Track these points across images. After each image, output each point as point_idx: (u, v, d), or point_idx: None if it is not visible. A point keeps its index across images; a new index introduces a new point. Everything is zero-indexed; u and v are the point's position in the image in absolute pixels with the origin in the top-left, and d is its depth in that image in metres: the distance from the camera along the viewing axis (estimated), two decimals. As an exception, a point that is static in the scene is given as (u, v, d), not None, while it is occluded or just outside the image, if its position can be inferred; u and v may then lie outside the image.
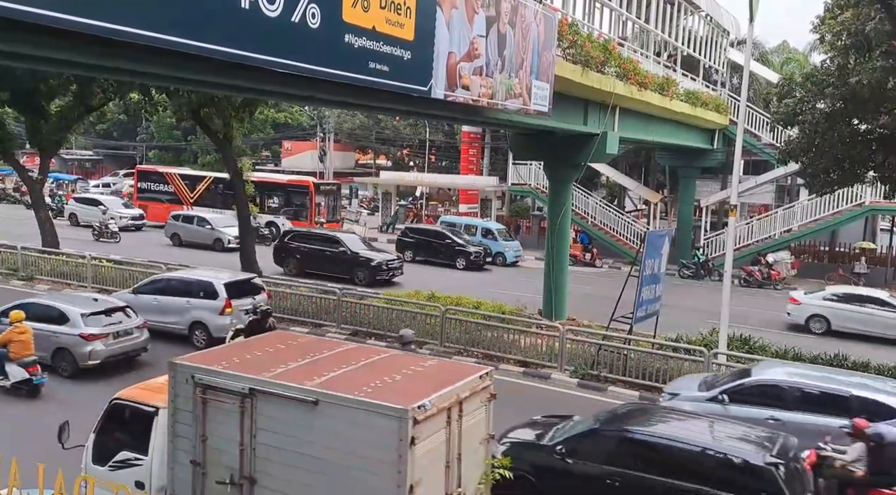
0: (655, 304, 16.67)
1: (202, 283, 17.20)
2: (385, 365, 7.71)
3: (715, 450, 8.64)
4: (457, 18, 12.32)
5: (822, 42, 16.38)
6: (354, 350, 8.46)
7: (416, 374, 7.45)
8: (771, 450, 8.45)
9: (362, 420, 6.46)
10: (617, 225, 35.87)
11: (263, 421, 6.93)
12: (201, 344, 16.22)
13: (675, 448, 8.78)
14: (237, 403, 7.00)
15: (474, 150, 45.75)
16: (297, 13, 9.16)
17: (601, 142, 19.77)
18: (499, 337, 16.89)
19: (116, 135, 67.88)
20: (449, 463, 6.97)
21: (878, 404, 10.67)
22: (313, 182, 37.78)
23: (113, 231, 33.26)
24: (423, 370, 7.64)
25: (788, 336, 19.93)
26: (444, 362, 9.06)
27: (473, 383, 7.32)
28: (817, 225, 32.15)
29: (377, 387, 6.85)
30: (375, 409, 6.41)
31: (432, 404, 6.60)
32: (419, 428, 6.40)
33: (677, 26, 27.52)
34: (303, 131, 60.84)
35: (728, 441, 8.90)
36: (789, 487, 8.07)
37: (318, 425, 6.67)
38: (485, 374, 7.57)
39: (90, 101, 24.44)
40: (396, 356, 8.43)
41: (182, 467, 7.38)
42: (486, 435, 7.63)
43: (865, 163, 15.96)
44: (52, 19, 6.93)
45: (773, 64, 40.04)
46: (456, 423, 7.01)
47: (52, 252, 24.17)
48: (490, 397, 7.59)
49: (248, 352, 8.06)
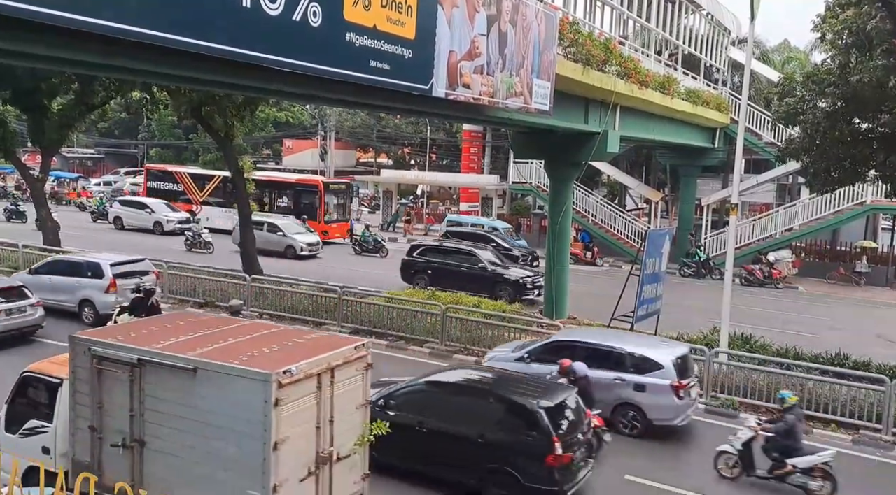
0: (656, 303, 16.68)
1: (91, 264, 18.43)
2: (270, 338, 8.48)
3: (497, 397, 10.16)
4: (458, 17, 12.32)
5: (823, 41, 16.34)
6: (248, 326, 9.27)
7: (294, 346, 8.16)
8: (544, 397, 9.81)
9: (234, 385, 7.20)
10: (618, 223, 35.86)
11: (150, 388, 7.67)
12: (89, 320, 17.64)
13: (465, 396, 10.35)
14: (127, 373, 7.75)
15: (475, 149, 45.73)
16: (298, 12, 9.17)
17: (602, 140, 19.77)
18: (499, 335, 16.87)
19: (118, 134, 67.93)
20: (320, 425, 7.70)
21: (645, 358, 12.71)
22: (323, 181, 37.69)
23: (206, 241, 30.94)
24: (302, 342, 8.38)
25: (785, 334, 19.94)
26: (325, 337, 9.73)
27: (346, 353, 8.06)
28: (818, 224, 32.12)
29: (253, 357, 7.58)
30: (244, 375, 7.17)
31: (299, 370, 7.31)
32: (284, 392, 7.13)
33: (678, 25, 27.50)
34: (304, 130, 60.83)
35: (511, 390, 10.33)
36: (555, 427, 9.41)
37: (198, 391, 7.39)
38: (360, 346, 8.31)
39: (92, 100, 24.48)
40: (284, 331, 9.28)
41: (82, 433, 8.12)
42: (363, 400, 8.42)
43: (866, 162, 15.92)
44: (53, 18, 6.95)
45: (774, 62, 40.00)
46: (328, 389, 7.74)
47: (52, 250, 24.17)
48: (367, 367, 8.38)
49: (146, 327, 8.89)
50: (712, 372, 14.55)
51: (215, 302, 19.56)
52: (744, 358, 14.93)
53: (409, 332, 17.69)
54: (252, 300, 19.80)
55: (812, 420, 13.31)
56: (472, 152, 45.73)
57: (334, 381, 7.81)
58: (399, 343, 17.43)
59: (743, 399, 14.15)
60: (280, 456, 7.15)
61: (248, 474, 7.16)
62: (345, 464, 8.15)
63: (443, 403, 10.22)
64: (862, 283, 30.70)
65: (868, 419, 13.29)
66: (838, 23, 14.78)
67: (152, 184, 40.83)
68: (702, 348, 15.04)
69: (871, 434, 13.12)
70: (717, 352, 14.95)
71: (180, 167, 44.24)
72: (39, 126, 24.74)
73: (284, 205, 36.83)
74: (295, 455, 7.37)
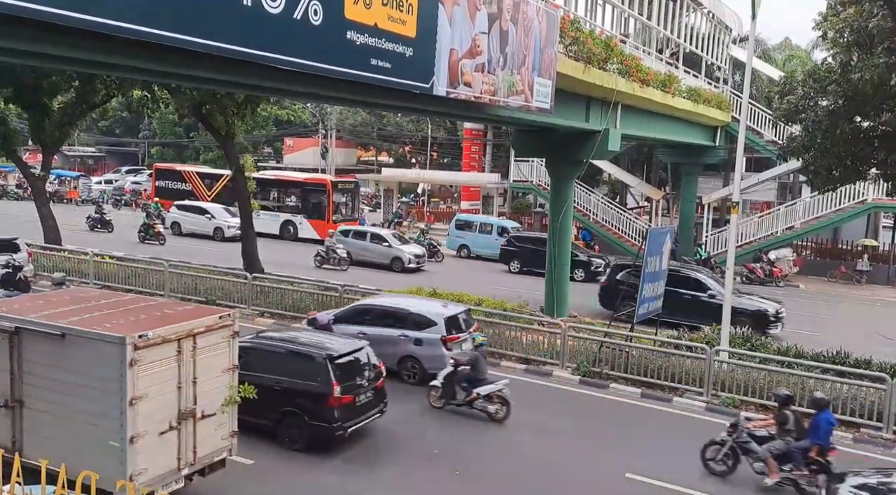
0: (657, 302, 16.67)
1: None
2: (142, 309, 9.39)
3: (294, 352, 11.66)
4: (459, 15, 12.31)
5: (824, 39, 16.34)
6: (128, 299, 10.37)
7: (163, 315, 9.10)
8: (330, 350, 11.39)
9: (96, 348, 8.13)
10: (619, 222, 35.83)
11: (27, 353, 8.61)
12: None
13: (273, 351, 11.79)
14: (6, 339, 8.64)
15: (476, 147, 45.69)
16: (299, 10, 9.17)
17: (603, 139, 19.76)
18: (500, 334, 16.90)
19: (119, 132, 67.92)
20: (182, 385, 8.65)
21: (422, 316, 14.72)
22: (331, 180, 37.51)
23: (341, 257, 28.08)
24: (171, 313, 9.33)
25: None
26: (194, 308, 10.57)
27: (209, 322, 9.05)
28: (819, 222, 32.09)
29: (118, 324, 8.50)
30: (103, 339, 8.08)
31: (156, 334, 8.25)
32: (141, 353, 8.08)
33: (679, 23, 27.48)
34: (305, 128, 60.76)
35: (305, 345, 11.87)
36: (337, 375, 11.06)
37: (66, 354, 8.33)
38: (225, 316, 9.29)
39: (92, 98, 24.49)
40: (159, 303, 10.47)
41: None
42: (230, 365, 9.37)
43: (868, 161, 15.91)
44: (53, 16, 6.95)
45: (775, 61, 39.99)
46: (190, 353, 8.72)
47: (54, 248, 24.22)
48: (233, 334, 9.35)
49: (34, 301, 10.34)
50: (713, 370, 14.54)
51: (216, 300, 19.54)
52: (744, 356, 14.94)
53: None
54: (253, 299, 19.81)
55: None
56: (473, 151, 45.70)
57: (196, 346, 8.80)
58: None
59: (744, 397, 14.14)
60: (138, 411, 8.10)
61: (109, 427, 8.10)
62: (211, 422, 9.14)
63: (258, 359, 11.49)
64: (863, 282, 30.69)
65: (869, 417, 13.29)
66: (840, 21, 14.77)
67: (161, 183, 40.82)
68: (703, 347, 15.05)
69: (871, 432, 13.14)
70: (718, 351, 14.95)
71: (189, 166, 44.25)
72: (40, 124, 24.77)
73: (293, 205, 36.77)
74: (154, 411, 8.33)
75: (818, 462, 10.35)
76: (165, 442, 8.52)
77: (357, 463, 11.16)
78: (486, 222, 34.25)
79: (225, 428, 9.40)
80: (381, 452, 11.64)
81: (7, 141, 24.98)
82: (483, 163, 45.62)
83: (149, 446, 8.26)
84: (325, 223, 34.82)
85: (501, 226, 33.40)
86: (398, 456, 11.53)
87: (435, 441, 12.13)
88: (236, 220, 33.60)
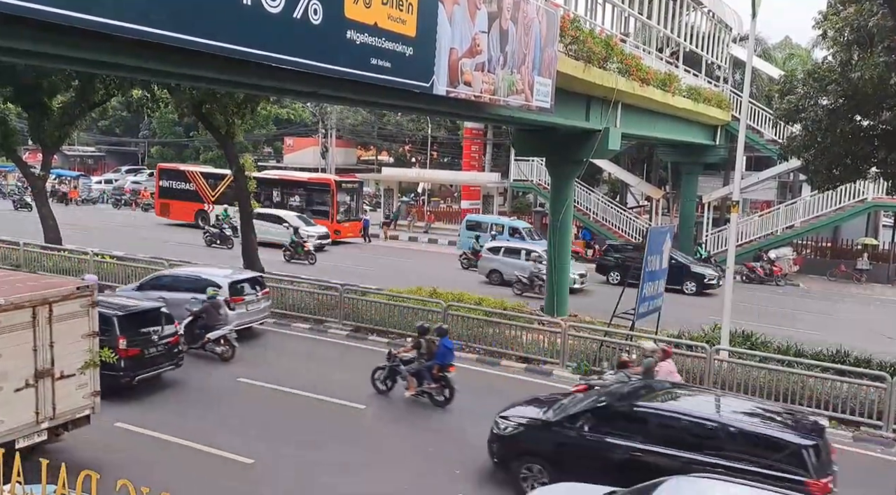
0: (657, 300, 16.67)
1: None
2: (9, 281, 10.26)
3: None
4: (459, 14, 12.30)
5: (824, 38, 16.34)
6: (3, 274, 11.29)
7: (23, 286, 9.89)
8: (122, 311, 12.89)
9: None
10: (619, 221, 35.85)
11: None
12: None
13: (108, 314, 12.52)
14: None
15: (476, 147, 45.69)
16: (298, 9, 9.16)
17: (603, 138, 19.75)
18: (500, 333, 16.90)
19: (119, 132, 67.92)
20: (37, 348, 9.59)
21: (211, 281, 16.42)
22: (335, 180, 37.45)
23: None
24: (31, 284, 10.21)
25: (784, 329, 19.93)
26: (52, 279, 11.70)
27: (65, 291, 10.01)
28: (819, 221, 32.12)
29: None
30: None
31: (7, 301, 9.17)
32: None
33: (679, 22, 27.49)
34: (305, 127, 60.76)
35: (105, 306, 12.50)
36: (123, 329, 12.61)
37: None
38: (83, 287, 10.30)
39: (92, 98, 24.44)
40: (23, 277, 11.55)
41: None
42: (90, 331, 10.31)
43: (868, 160, 15.91)
44: (53, 15, 6.95)
45: (775, 60, 39.98)
46: (45, 319, 9.64)
47: (54, 248, 24.22)
48: (92, 304, 10.31)
49: None
50: (713, 369, 14.54)
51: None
52: (745, 355, 14.94)
53: (411, 330, 17.65)
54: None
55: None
56: (474, 150, 45.69)
57: (53, 313, 9.71)
58: (400, 341, 17.41)
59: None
60: None
61: None
62: (71, 381, 10.08)
63: None
64: (863, 280, 30.72)
65: (869, 416, 13.29)
66: (840, 20, 14.77)
67: (164, 184, 40.71)
68: (703, 345, 15.05)
69: (871, 431, 13.14)
70: (718, 349, 14.95)
71: (192, 166, 44.15)
72: (40, 124, 24.74)
73: (296, 204, 36.74)
74: (8, 370, 9.22)
75: (444, 377, 13.16)
76: (22, 398, 9.48)
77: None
78: (496, 222, 33.89)
79: (86, 388, 10.38)
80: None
81: (7, 140, 24.97)
82: (483, 162, 45.63)
83: (6, 400, 9.21)
84: (330, 223, 34.79)
85: (512, 226, 33.06)
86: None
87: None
88: (315, 230, 32.93)
